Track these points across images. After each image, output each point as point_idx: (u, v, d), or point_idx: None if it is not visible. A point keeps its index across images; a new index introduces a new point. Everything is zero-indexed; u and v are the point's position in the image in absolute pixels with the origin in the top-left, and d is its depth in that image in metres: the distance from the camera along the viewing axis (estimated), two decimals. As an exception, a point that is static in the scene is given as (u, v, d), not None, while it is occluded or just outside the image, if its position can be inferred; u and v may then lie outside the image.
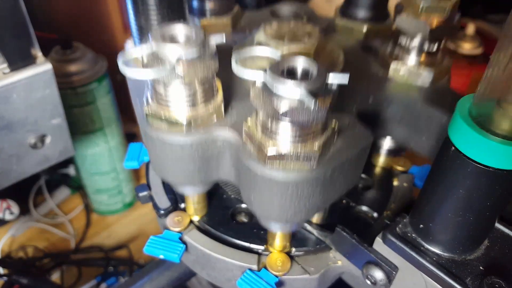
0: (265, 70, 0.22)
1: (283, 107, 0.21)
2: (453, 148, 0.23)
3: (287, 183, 0.24)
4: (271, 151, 0.23)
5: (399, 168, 0.38)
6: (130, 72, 0.22)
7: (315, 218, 0.33)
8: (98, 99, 0.64)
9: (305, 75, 0.23)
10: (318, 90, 0.21)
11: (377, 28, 0.36)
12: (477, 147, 0.22)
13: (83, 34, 0.76)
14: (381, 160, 0.38)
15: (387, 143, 0.37)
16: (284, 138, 0.23)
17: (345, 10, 0.37)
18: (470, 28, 0.75)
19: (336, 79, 0.22)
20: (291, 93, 0.21)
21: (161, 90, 0.25)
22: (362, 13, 0.36)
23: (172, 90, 0.25)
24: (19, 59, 0.42)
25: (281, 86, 0.21)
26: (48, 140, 0.48)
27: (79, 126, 0.65)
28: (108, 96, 0.66)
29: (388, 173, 0.38)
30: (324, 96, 0.21)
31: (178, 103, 0.25)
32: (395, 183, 0.37)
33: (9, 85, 0.42)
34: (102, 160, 0.71)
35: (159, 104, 0.25)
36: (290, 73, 0.23)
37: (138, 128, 0.86)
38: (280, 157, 0.23)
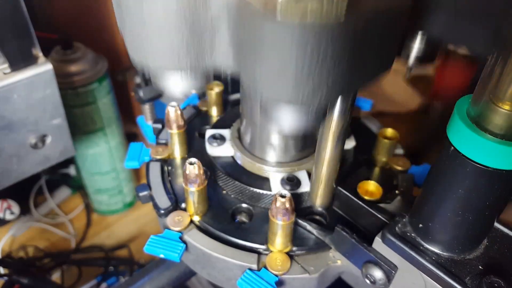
0: None
1: None
2: (452, 148, 0.23)
3: (306, 36, 0.18)
4: None
5: (399, 168, 0.38)
6: None
7: (320, 200, 0.32)
8: (98, 99, 0.64)
9: None
10: None
11: None
12: (475, 147, 0.22)
13: (83, 35, 0.76)
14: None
15: (417, 46, 0.29)
16: None
17: None
18: (470, 28, 0.75)
19: None
20: None
21: None
22: None
23: None
24: (20, 59, 0.42)
25: None
26: (48, 140, 0.48)
27: (80, 126, 0.65)
28: (108, 96, 0.66)
29: (388, 173, 0.38)
30: None
31: None
32: (395, 182, 0.37)
33: (10, 85, 0.42)
34: (103, 160, 0.71)
35: None
36: None
37: (138, 128, 0.86)
38: (296, 1, 0.17)
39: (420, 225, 0.27)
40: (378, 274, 0.28)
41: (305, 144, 0.35)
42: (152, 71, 0.24)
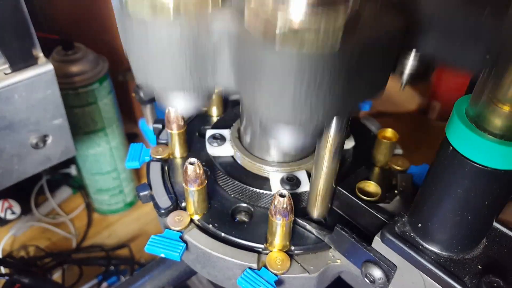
0: None
1: None
2: (451, 148, 0.23)
3: (303, 64, 0.19)
4: (282, 24, 0.17)
5: (398, 168, 0.38)
6: None
7: (317, 212, 0.32)
8: (99, 99, 0.64)
9: None
10: None
11: None
12: (474, 147, 0.22)
13: (84, 35, 0.76)
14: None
15: (410, 63, 0.32)
16: (299, 6, 0.17)
17: None
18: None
19: None
20: None
21: None
22: None
23: None
24: (21, 60, 0.42)
25: None
26: (49, 140, 0.48)
27: (81, 126, 0.65)
28: (109, 97, 0.66)
29: (387, 173, 0.39)
30: None
31: None
32: (394, 182, 0.37)
33: (11, 85, 0.42)
34: (103, 160, 0.71)
35: None
36: None
37: (139, 128, 0.86)
38: (294, 32, 0.18)
39: (419, 225, 0.27)
40: (377, 273, 0.28)
41: (305, 144, 0.35)
42: (158, 94, 0.25)
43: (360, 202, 0.32)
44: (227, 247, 0.32)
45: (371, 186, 0.34)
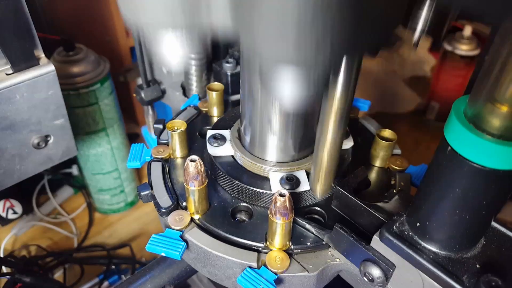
0: None
1: None
2: (449, 148, 0.23)
3: None
4: None
5: (397, 167, 0.38)
6: None
7: (321, 190, 0.32)
8: (100, 100, 0.64)
9: None
10: None
11: None
12: (472, 147, 0.22)
13: (85, 36, 0.76)
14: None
15: (424, 15, 0.29)
16: None
17: None
18: (468, 30, 0.76)
19: None
20: None
21: None
22: None
23: None
24: (22, 61, 0.43)
25: None
26: (51, 140, 0.48)
27: (82, 126, 0.65)
28: (110, 97, 0.66)
29: (386, 172, 0.39)
30: None
31: None
32: (393, 182, 0.38)
33: (13, 86, 0.42)
34: (105, 160, 0.72)
35: None
36: None
37: (140, 128, 0.87)
38: None
39: (418, 224, 0.27)
40: (376, 272, 0.28)
41: (304, 144, 0.35)
42: (147, 35, 0.22)
43: (359, 202, 0.32)
44: (227, 246, 0.32)
45: (387, 132, 0.38)
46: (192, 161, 0.31)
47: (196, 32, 0.22)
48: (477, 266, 0.26)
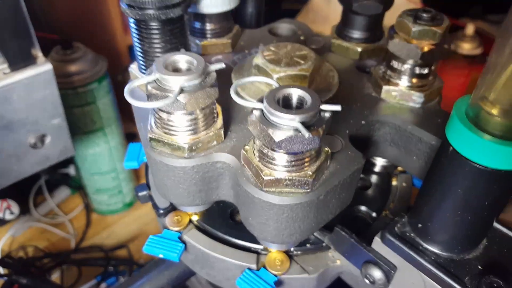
0: (261, 100, 0.23)
1: (278, 137, 0.22)
2: (451, 148, 0.23)
3: (283, 206, 0.25)
4: (267, 176, 0.24)
5: (398, 168, 0.38)
6: (135, 103, 0.23)
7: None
8: (98, 99, 0.64)
9: (300, 103, 0.24)
10: (312, 121, 0.22)
11: (372, 48, 0.38)
12: (474, 147, 0.22)
13: (83, 35, 0.76)
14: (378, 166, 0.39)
15: (380, 161, 0.38)
16: (279, 165, 0.24)
17: (341, 31, 0.38)
18: (470, 29, 0.75)
19: (329, 108, 0.23)
20: (286, 124, 0.22)
21: (164, 116, 0.26)
22: (357, 34, 0.37)
23: (174, 117, 0.26)
24: (20, 60, 0.42)
25: (276, 117, 0.22)
26: (48, 140, 0.48)
27: (79, 126, 0.65)
28: (108, 96, 0.66)
29: (387, 173, 0.38)
30: (318, 126, 0.22)
31: (180, 129, 0.26)
32: (394, 183, 0.37)
33: (10, 85, 0.42)
34: (102, 160, 0.71)
35: (163, 129, 0.27)
36: (286, 101, 0.24)
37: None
38: (276, 182, 0.24)
39: (419, 225, 0.27)
40: (377, 274, 0.28)
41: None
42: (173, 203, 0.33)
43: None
44: (226, 248, 0.32)
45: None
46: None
47: (208, 205, 0.33)
48: (479, 267, 0.26)
